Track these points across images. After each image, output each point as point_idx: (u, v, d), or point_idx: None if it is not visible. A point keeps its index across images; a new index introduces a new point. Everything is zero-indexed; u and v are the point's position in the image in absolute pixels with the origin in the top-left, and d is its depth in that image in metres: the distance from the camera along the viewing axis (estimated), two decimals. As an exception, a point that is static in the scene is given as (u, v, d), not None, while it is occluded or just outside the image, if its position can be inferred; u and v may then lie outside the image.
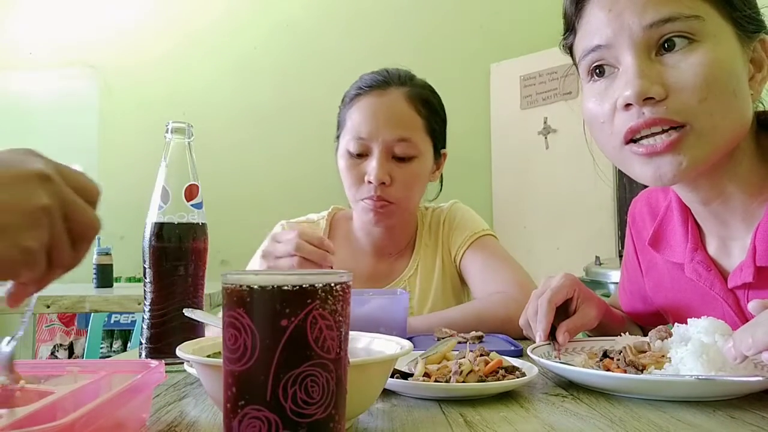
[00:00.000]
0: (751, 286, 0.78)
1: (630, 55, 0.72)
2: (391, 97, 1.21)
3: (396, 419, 0.58)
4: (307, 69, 3.42)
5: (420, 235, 1.32)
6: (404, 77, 1.25)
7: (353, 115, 1.22)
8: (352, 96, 1.25)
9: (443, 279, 1.29)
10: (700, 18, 0.70)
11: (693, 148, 0.71)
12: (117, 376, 0.53)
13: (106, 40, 3.49)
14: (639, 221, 1.01)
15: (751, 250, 0.77)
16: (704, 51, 0.70)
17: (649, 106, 0.71)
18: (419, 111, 1.22)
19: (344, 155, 1.24)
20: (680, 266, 0.88)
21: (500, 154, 3.29)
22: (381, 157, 1.19)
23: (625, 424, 0.55)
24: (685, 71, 0.70)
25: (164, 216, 0.81)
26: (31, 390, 0.48)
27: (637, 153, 0.74)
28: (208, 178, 0.92)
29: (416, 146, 1.21)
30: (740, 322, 0.80)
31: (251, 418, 0.40)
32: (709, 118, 0.70)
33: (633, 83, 0.71)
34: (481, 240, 1.27)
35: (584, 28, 0.78)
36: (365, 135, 1.19)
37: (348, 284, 0.43)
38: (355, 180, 1.22)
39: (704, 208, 0.83)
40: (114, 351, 3.38)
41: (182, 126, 0.84)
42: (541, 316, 0.85)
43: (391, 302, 0.99)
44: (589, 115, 0.79)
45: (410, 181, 1.22)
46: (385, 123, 1.19)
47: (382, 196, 1.19)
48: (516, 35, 3.29)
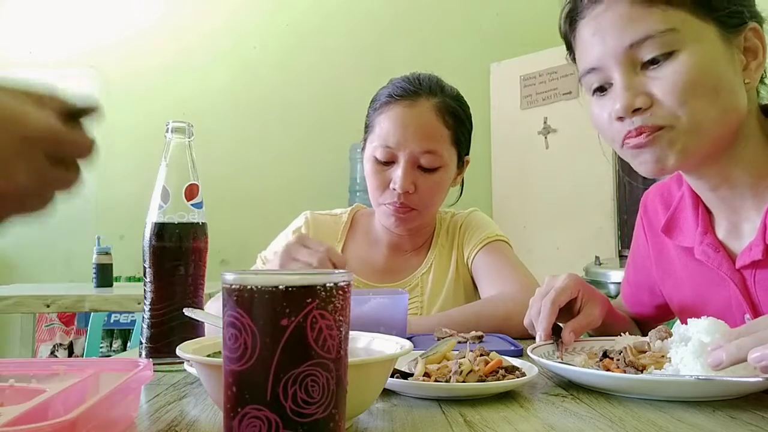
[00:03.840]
0: (759, 264, 0.81)
1: (618, 72, 0.79)
2: (421, 110, 1.22)
3: (396, 419, 0.58)
4: (308, 69, 3.42)
5: (437, 236, 1.34)
6: (435, 87, 1.26)
7: (382, 123, 1.23)
8: (382, 102, 1.26)
9: (456, 280, 1.30)
10: (675, 30, 0.76)
11: (671, 142, 0.78)
12: (104, 375, 0.53)
13: (106, 40, 3.49)
14: (651, 211, 1.03)
15: (761, 228, 0.80)
16: (682, 58, 0.76)
17: (637, 116, 0.78)
18: (447, 123, 1.23)
19: (370, 159, 1.25)
20: (690, 250, 0.91)
21: (500, 154, 3.29)
22: (407, 167, 1.20)
23: (625, 424, 0.55)
24: (665, 80, 0.76)
25: (164, 216, 0.81)
26: (21, 388, 0.48)
27: (629, 150, 0.82)
28: (208, 178, 0.92)
29: (442, 157, 1.22)
30: (746, 302, 0.84)
31: (251, 418, 0.40)
32: (690, 118, 0.76)
33: (621, 98, 0.78)
34: (494, 244, 1.29)
35: (579, 48, 0.86)
36: (393, 144, 1.21)
37: (348, 284, 0.43)
38: (380, 185, 1.24)
39: (713, 194, 0.86)
40: (114, 350, 3.38)
41: (182, 126, 0.84)
42: (543, 316, 0.86)
43: (391, 302, 0.99)
44: (595, 122, 0.87)
45: (434, 190, 1.24)
46: (413, 135, 1.20)
47: (406, 203, 1.22)
48: (516, 35, 3.30)
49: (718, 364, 0.58)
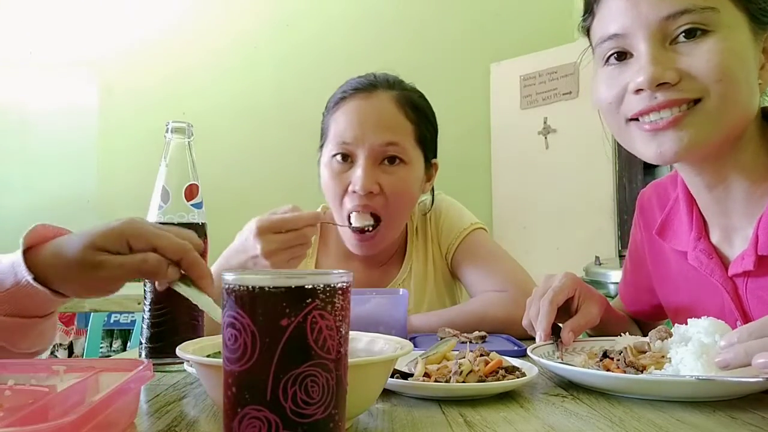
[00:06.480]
0: (751, 274, 0.81)
1: (645, 43, 0.75)
2: (379, 99, 1.13)
3: (396, 419, 0.58)
4: (308, 68, 3.41)
5: (411, 241, 1.28)
6: (392, 81, 1.17)
7: (338, 120, 1.14)
8: (336, 101, 1.17)
9: (436, 278, 1.27)
10: (715, 9, 0.73)
11: (696, 125, 0.74)
12: (104, 375, 0.53)
13: (106, 40, 3.48)
14: (647, 211, 1.03)
15: (754, 239, 0.79)
16: (717, 39, 0.73)
17: (662, 91, 0.74)
18: (408, 116, 1.14)
19: (327, 165, 1.15)
20: (684, 254, 0.90)
21: (500, 154, 3.29)
22: (367, 165, 1.10)
23: (625, 424, 0.55)
24: (698, 57, 0.73)
25: (164, 216, 0.81)
26: (21, 388, 0.48)
27: (641, 130, 0.77)
28: (208, 178, 0.92)
29: (405, 151, 1.12)
30: (737, 310, 0.83)
31: (251, 418, 0.40)
32: (719, 99, 0.73)
33: (646, 70, 0.74)
34: (471, 236, 1.25)
35: (602, 13, 0.80)
36: (350, 140, 1.11)
37: (348, 284, 0.43)
38: (340, 190, 1.13)
39: (708, 194, 0.85)
40: (114, 351, 3.38)
41: (182, 126, 0.84)
42: (542, 316, 0.86)
43: (391, 302, 0.99)
44: (597, 97, 0.82)
45: (399, 190, 1.13)
46: (372, 127, 1.10)
47: (370, 205, 1.11)
48: (516, 35, 3.29)
49: (725, 366, 0.58)
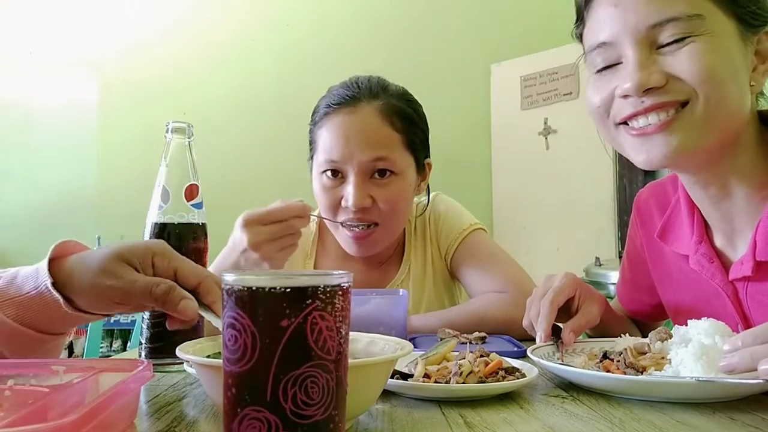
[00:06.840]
0: (750, 279, 0.81)
1: (632, 50, 0.76)
2: (363, 114, 1.11)
3: (396, 420, 0.58)
4: (308, 67, 3.41)
5: (409, 242, 1.28)
6: (375, 89, 1.15)
7: (324, 136, 1.14)
8: (321, 115, 1.16)
9: (435, 278, 1.27)
10: (701, 16, 0.74)
11: (684, 129, 0.75)
12: (104, 375, 0.53)
13: (106, 40, 3.48)
14: (645, 212, 1.02)
15: (752, 244, 0.79)
16: (702, 42, 0.74)
17: (648, 96, 0.75)
18: (395, 126, 1.13)
19: (318, 179, 1.16)
20: (685, 257, 0.90)
21: (500, 155, 3.29)
22: (357, 181, 1.10)
23: (625, 425, 0.55)
24: (683, 59, 0.74)
25: (164, 216, 0.81)
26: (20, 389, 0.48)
27: (629, 134, 0.78)
28: (208, 178, 0.92)
29: (395, 164, 1.12)
30: (738, 314, 0.83)
31: (251, 419, 0.39)
32: (706, 101, 0.74)
33: (633, 76, 0.75)
34: (471, 237, 1.24)
35: (592, 20, 0.82)
36: (338, 158, 1.10)
37: (348, 284, 0.43)
38: (332, 204, 1.14)
39: (708, 200, 0.85)
40: (114, 351, 3.38)
41: (182, 126, 0.84)
42: (542, 317, 0.86)
43: (391, 302, 0.99)
44: (590, 102, 0.84)
45: (393, 200, 1.13)
46: (358, 144, 1.10)
47: (365, 217, 1.12)
48: (516, 35, 3.29)
49: (731, 371, 0.58)
